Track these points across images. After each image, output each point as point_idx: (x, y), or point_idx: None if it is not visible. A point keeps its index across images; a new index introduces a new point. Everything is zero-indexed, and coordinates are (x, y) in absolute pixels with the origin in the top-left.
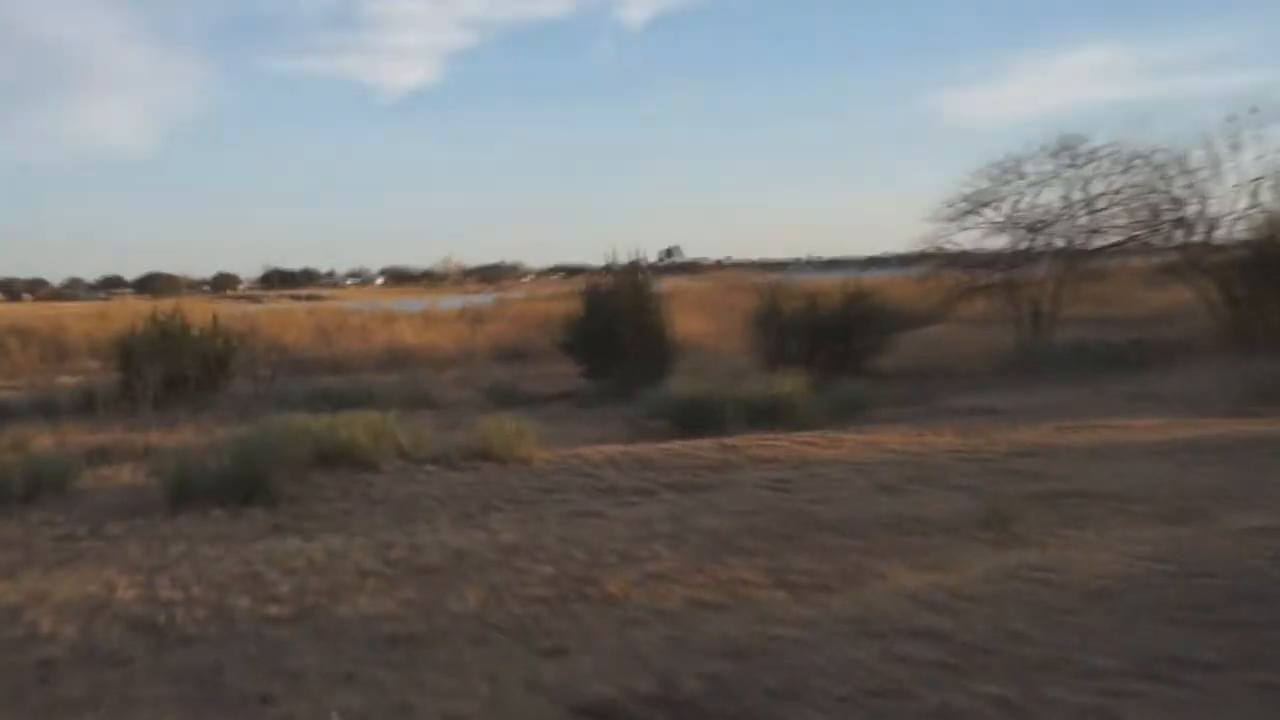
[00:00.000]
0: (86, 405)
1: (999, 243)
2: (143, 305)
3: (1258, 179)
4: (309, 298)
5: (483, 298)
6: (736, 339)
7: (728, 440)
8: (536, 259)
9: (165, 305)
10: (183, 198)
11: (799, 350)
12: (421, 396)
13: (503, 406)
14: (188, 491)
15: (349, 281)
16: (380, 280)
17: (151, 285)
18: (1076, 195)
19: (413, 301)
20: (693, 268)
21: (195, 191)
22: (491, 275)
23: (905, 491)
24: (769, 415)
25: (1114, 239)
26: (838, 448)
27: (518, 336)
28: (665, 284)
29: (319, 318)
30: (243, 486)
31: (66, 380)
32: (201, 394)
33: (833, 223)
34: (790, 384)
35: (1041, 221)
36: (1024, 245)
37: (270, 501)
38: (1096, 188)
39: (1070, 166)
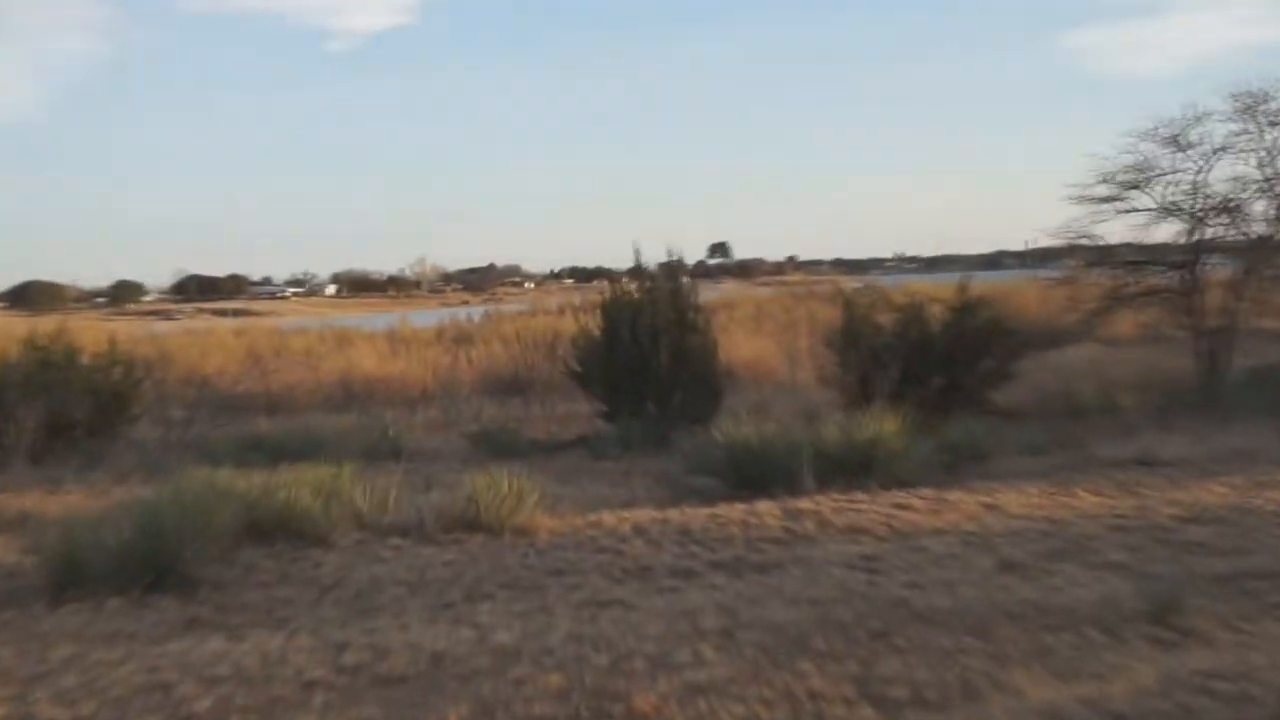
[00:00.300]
0: None
1: (1162, 234)
2: (16, 324)
3: None
4: (238, 313)
5: (468, 312)
6: (808, 365)
7: (797, 503)
8: (539, 260)
9: (46, 325)
10: (71, 180)
11: (893, 380)
12: (387, 445)
13: (495, 457)
14: (76, 575)
15: (290, 292)
16: (332, 290)
17: (28, 297)
18: (1267, 170)
19: (375, 317)
20: (748, 270)
21: (87, 171)
22: (480, 282)
23: (1040, 572)
24: (853, 468)
25: None
26: (947, 512)
27: (515, 363)
28: (712, 292)
29: (251, 340)
30: (149, 568)
31: None
32: (94, 443)
33: (934, 211)
34: (881, 426)
35: (1221, 205)
36: (1195, 237)
37: (186, 587)
38: None
39: (1260, 130)
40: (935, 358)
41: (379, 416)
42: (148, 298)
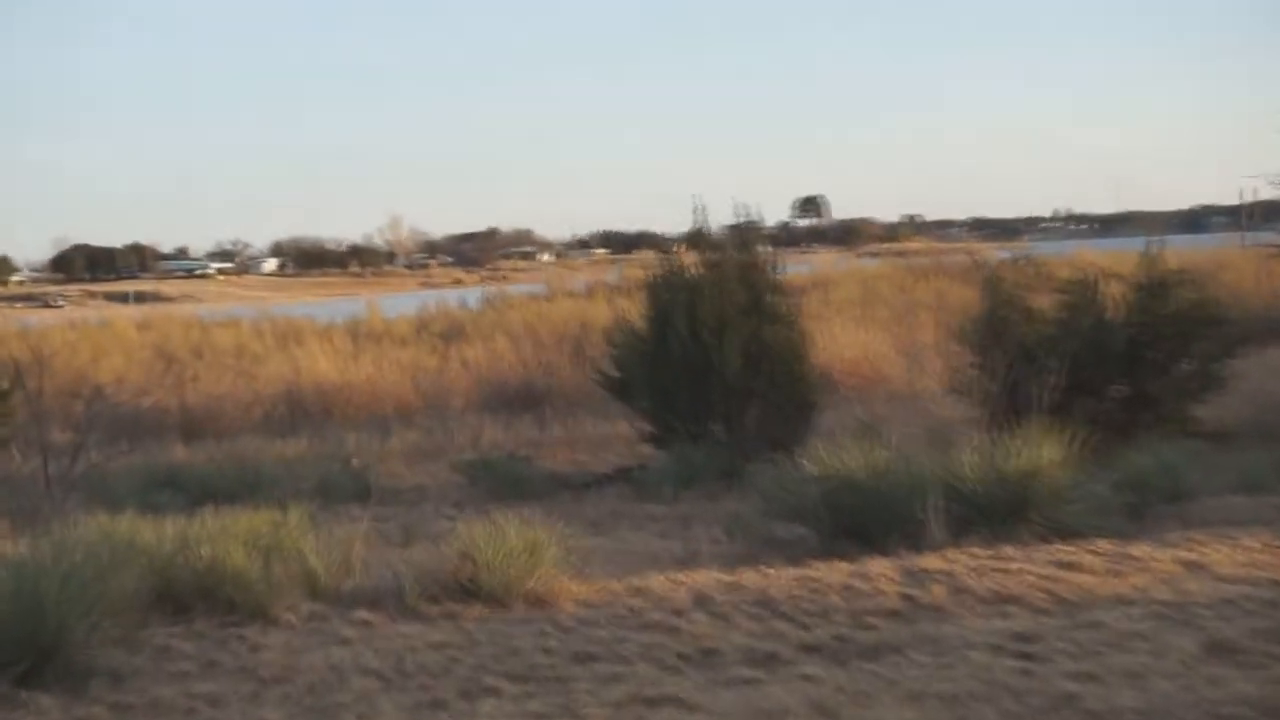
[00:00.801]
0: None
1: None
2: None
3: None
4: (142, 298)
5: (461, 295)
6: (935, 367)
7: (922, 560)
8: (558, 224)
9: None
10: None
11: (1055, 388)
12: (350, 481)
13: (502, 498)
14: None
15: (215, 268)
16: (272, 265)
17: None
18: None
19: (332, 303)
20: (850, 234)
21: None
22: (477, 253)
23: (1262, 658)
24: (999, 513)
25: None
26: (1131, 574)
27: (526, 367)
28: (801, 265)
29: (161, 335)
30: (23, 652)
31: None
32: None
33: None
34: (1039, 452)
35: None
36: None
37: (73, 679)
38: None
39: None
40: (1114, 357)
41: (338, 442)
42: (17, 277)
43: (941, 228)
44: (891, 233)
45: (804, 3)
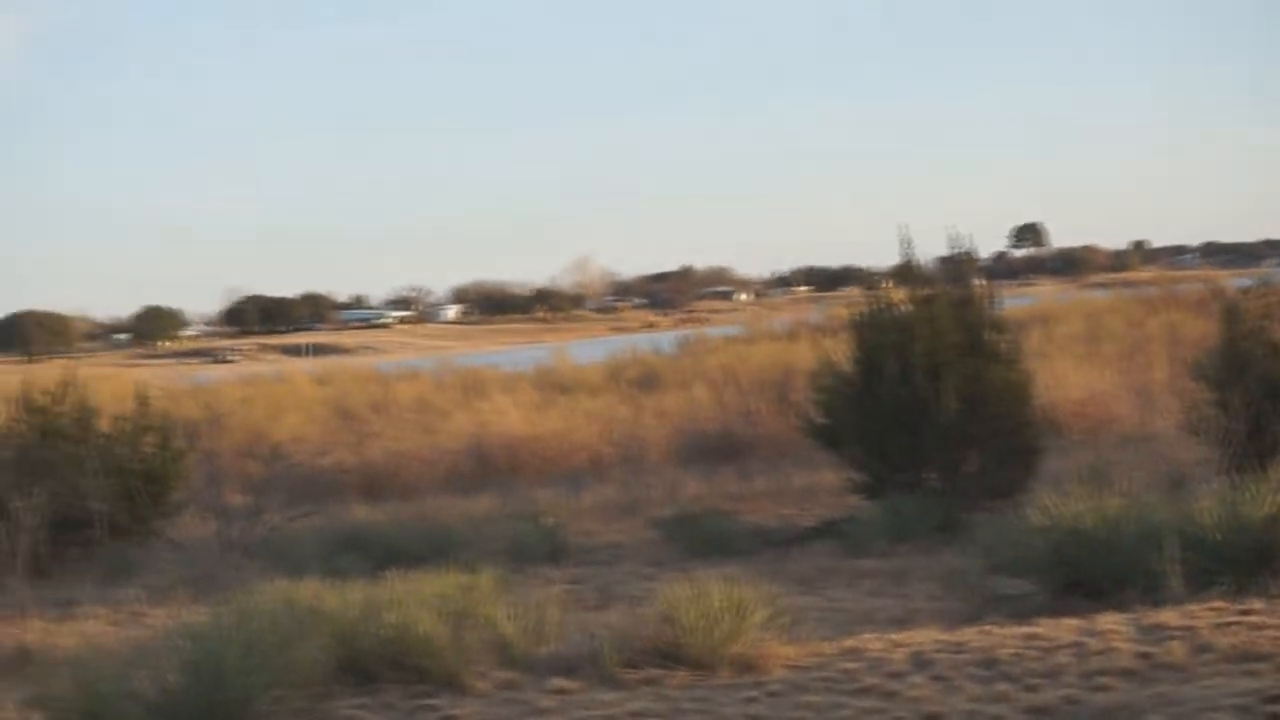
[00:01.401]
0: None
1: None
2: (3, 376)
3: None
4: (319, 350)
5: (655, 339)
6: (1169, 406)
7: (1159, 615)
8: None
9: (45, 375)
10: (71, 165)
11: None
12: (543, 541)
13: (702, 555)
14: None
15: (394, 317)
16: (454, 312)
17: (19, 334)
18: None
19: (518, 351)
20: (1073, 263)
21: (88, 154)
22: (671, 294)
23: None
24: (1243, 563)
25: None
26: None
27: (726, 415)
28: (1021, 299)
29: (339, 391)
30: None
31: None
32: (121, 545)
33: None
34: None
35: None
36: None
37: None
38: None
39: None
40: None
41: (527, 499)
42: (188, 331)
43: (1172, 254)
44: (1118, 261)
45: (1018, 18)
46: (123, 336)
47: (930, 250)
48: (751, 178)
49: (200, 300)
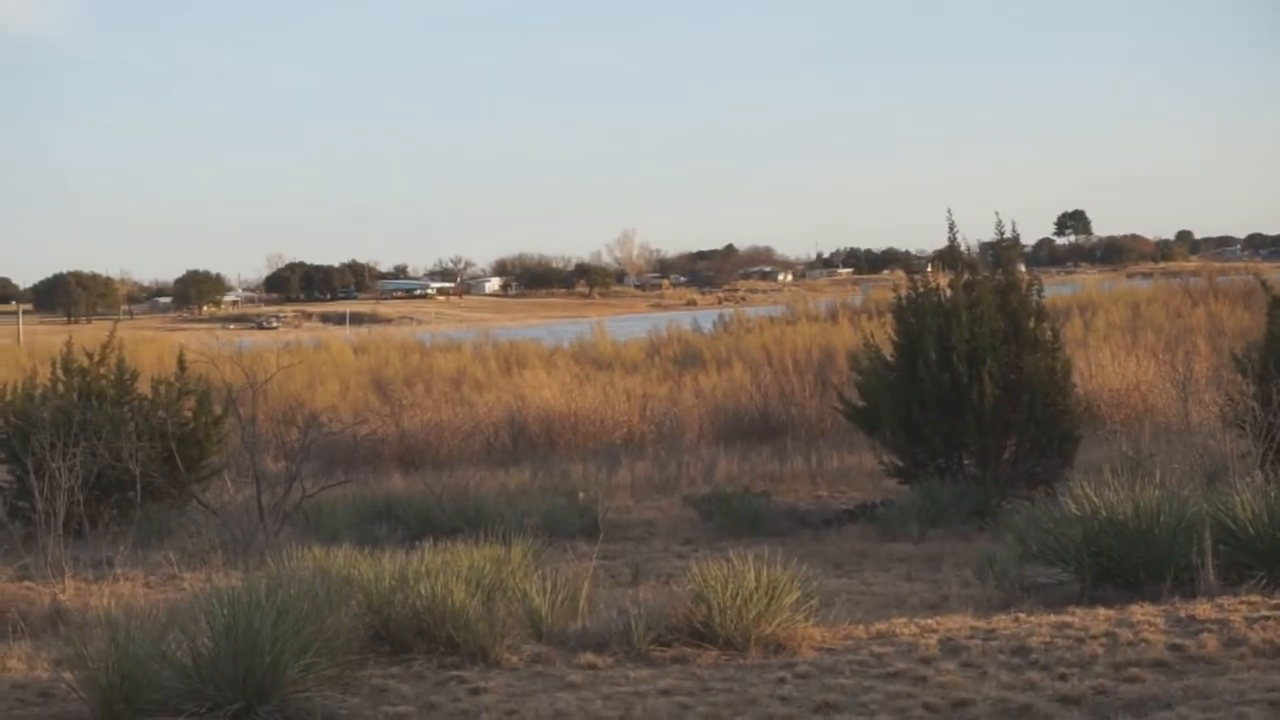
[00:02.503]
0: None
1: None
2: (46, 336)
3: None
4: (360, 320)
5: (695, 317)
6: (1209, 397)
7: (1192, 608)
8: (799, 241)
9: (87, 337)
10: (116, 126)
11: None
12: (577, 516)
13: (737, 535)
14: (133, 700)
15: (435, 288)
16: (495, 285)
17: (61, 297)
18: None
19: (558, 326)
20: (1117, 252)
21: (136, 110)
22: (712, 272)
23: None
24: (1277, 556)
25: None
26: None
27: (765, 395)
28: (1063, 287)
29: (379, 360)
30: (237, 692)
31: None
32: (157, 508)
33: None
34: None
35: None
36: None
37: None
38: None
39: None
40: None
41: (563, 473)
42: (230, 297)
43: (1218, 245)
44: (1163, 251)
45: (1066, 5)
46: (165, 300)
47: (975, 236)
48: (796, 159)
49: (244, 266)
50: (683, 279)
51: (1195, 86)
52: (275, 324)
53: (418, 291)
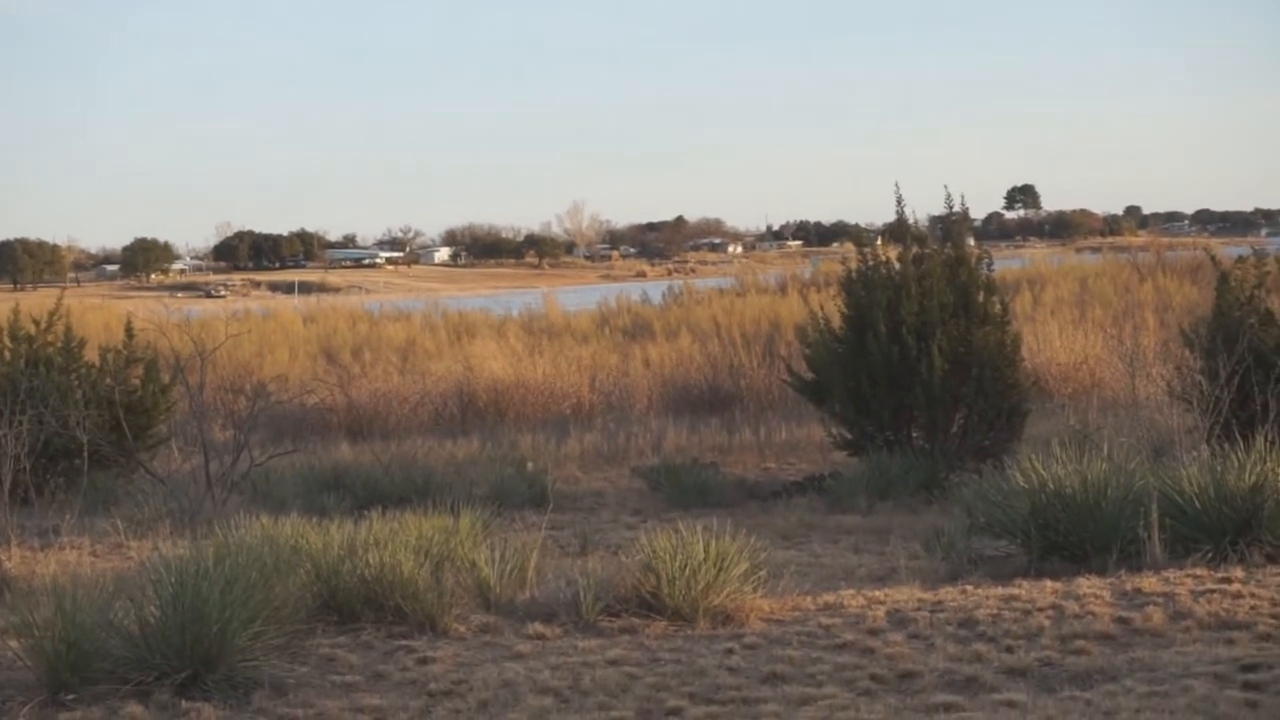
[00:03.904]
0: None
1: None
2: None
3: None
4: (308, 289)
5: (645, 289)
6: (1157, 372)
7: (1138, 581)
8: (749, 214)
9: (33, 304)
10: (63, 95)
11: None
12: (525, 486)
13: (685, 506)
14: (79, 668)
15: (384, 258)
16: (445, 255)
17: (7, 263)
18: None
19: (508, 296)
20: (1065, 226)
21: (86, 80)
22: (662, 244)
23: None
24: (1225, 530)
25: None
26: None
27: (714, 367)
28: (1013, 261)
29: (328, 329)
30: (183, 660)
31: None
32: (104, 476)
33: None
34: (1268, 466)
35: None
36: None
37: (235, 689)
38: None
39: None
40: None
41: (512, 444)
42: (179, 265)
43: (1166, 220)
44: (1111, 225)
45: None
46: (113, 268)
47: (924, 209)
48: (747, 131)
49: (192, 235)
50: (632, 250)
51: (1144, 62)
52: (223, 292)
53: (366, 261)
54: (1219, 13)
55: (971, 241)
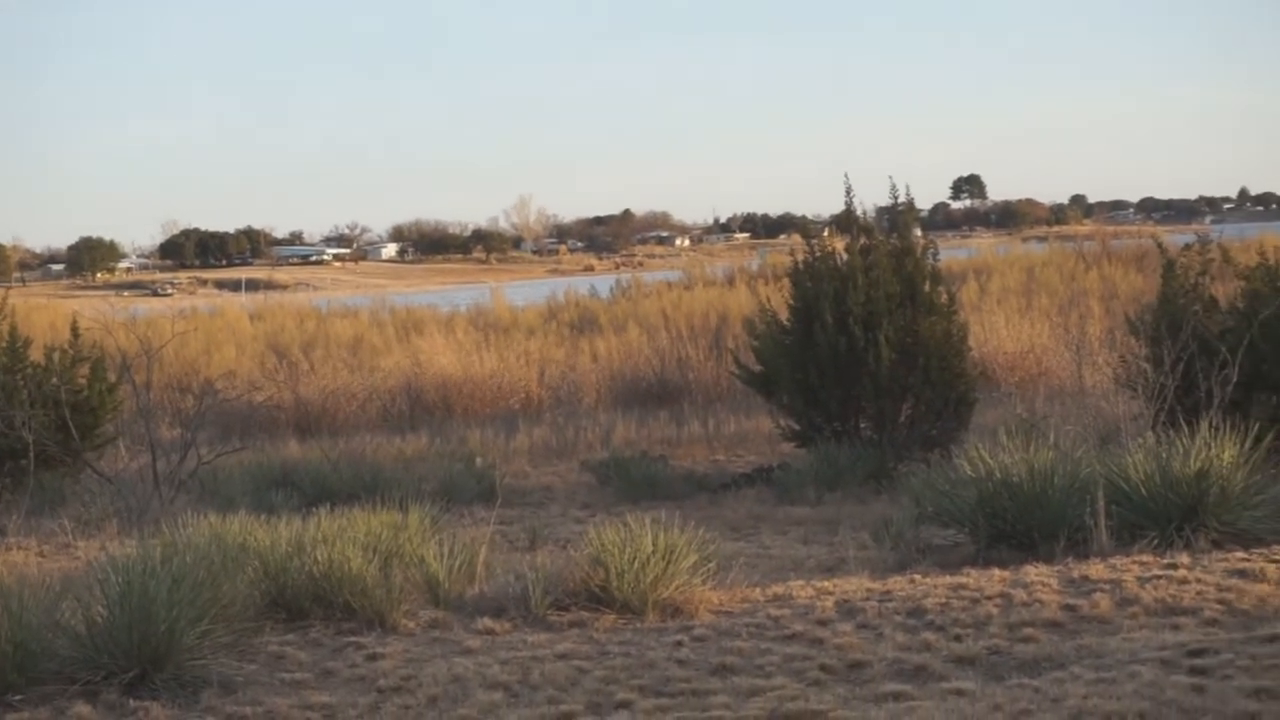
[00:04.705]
0: None
1: None
2: None
3: None
4: (255, 286)
5: (593, 283)
6: (1103, 360)
7: (1085, 568)
8: (696, 207)
9: None
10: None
11: (1232, 383)
12: (474, 481)
13: (634, 499)
14: (25, 669)
15: (331, 254)
16: (392, 251)
17: None
18: None
19: (455, 291)
20: (1012, 216)
21: (24, 75)
22: (610, 237)
23: None
24: (1170, 517)
25: None
26: None
27: (662, 360)
28: (959, 251)
29: (275, 326)
30: (132, 660)
31: None
32: (50, 476)
33: None
34: (1214, 453)
35: None
36: None
37: (184, 688)
38: None
39: None
40: None
41: (461, 439)
42: (125, 264)
43: (1112, 209)
44: (1057, 215)
45: None
46: (58, 267)
47: (871, 200)
48: (693, 123)
49: (138, 233)
50: (580, 244)
51: (1089, 52)
52: (170, 290)
53: (313, 258)
54: (1162, 7)
55: (918, 232)
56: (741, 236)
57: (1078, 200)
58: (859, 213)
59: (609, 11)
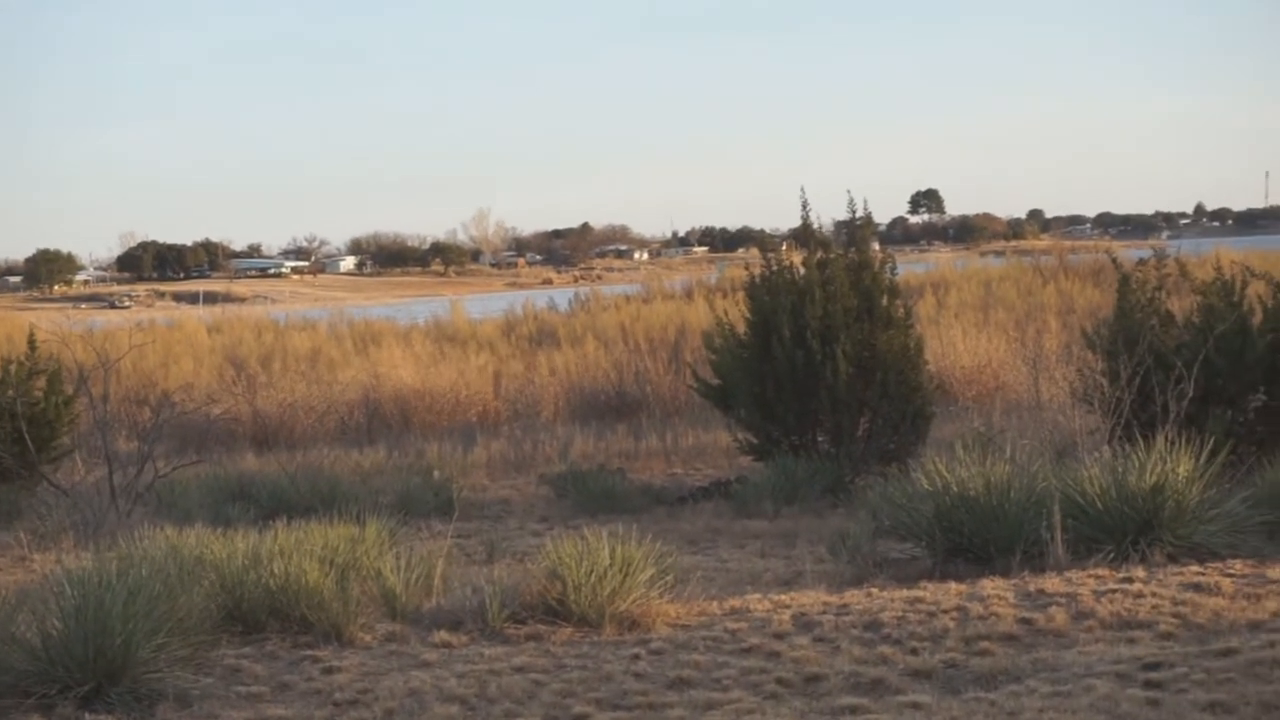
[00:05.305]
0: None
1: None
2: None
3: None
4: (213, 299)
5: (551, 296)
6: (1060, 375)
7: (1041, 582)
8: (654, 221)
9: None
10: None
11: (1188, 398)
12: (431, 495)
13: (592, 513)
14: None
15: (290, 267)
16: (350, 264)
17: None
18: None
19: (413, 304)
20: (969, 231)
21: None
22: (569, 250)
23: None
24: (1126, 531)
25: None
26: (1268, 598)
27: (620, 374)
28: (917, 265)
29: (233, 339)
30: (87, 673)
31: None
32: (6, 489)
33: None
34: (1170, 467)
35: None
36: None
37: (139, 702)
38: None
39: None
40: (1253, 364)
41: (418, 452)
42: (82, 276)
43: (1069, 224)
44: (1014, 229)
45: None
46: (15, 279)
47: (829, 214)
48: (651, 137)
49: (95, 245)
50: (539, 257)
51: (1045, 67)
52: (128, 303)
53: (272, 270)
54: (1121, 17)
55: (876, 246)
56: (700, 250)
57: (1035, 215)
58: (816, 226)
59: (567, 26)
